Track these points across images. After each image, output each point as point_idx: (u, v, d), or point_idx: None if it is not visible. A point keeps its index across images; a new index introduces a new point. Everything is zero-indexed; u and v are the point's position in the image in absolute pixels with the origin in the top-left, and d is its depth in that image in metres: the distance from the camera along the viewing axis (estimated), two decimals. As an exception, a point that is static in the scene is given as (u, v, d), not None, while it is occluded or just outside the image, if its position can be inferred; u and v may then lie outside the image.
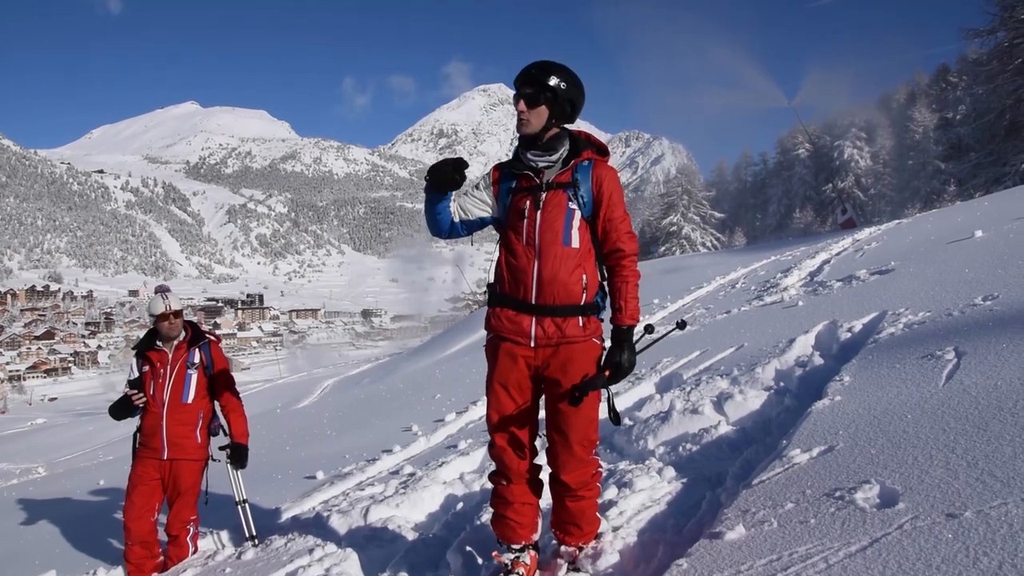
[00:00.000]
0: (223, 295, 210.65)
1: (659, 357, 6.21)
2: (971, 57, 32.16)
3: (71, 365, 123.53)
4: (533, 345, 2.43)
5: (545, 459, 2.58)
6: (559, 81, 2.36)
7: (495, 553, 2.62)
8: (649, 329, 2.50)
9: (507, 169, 2.53)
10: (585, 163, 2.46)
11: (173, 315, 4.02)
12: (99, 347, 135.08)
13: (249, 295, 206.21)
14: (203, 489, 4.04)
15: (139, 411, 4.01)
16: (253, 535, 3.92)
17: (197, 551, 4.01)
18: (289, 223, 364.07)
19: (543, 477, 2.62)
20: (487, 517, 2.78)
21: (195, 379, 4.02)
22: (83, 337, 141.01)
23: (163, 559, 3.96)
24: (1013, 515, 1.74)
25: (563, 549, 2.64)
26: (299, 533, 3.77)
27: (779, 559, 1.89)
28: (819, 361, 4.52)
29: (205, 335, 4.18)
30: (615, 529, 2.78)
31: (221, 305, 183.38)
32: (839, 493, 2.18)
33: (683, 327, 2.70)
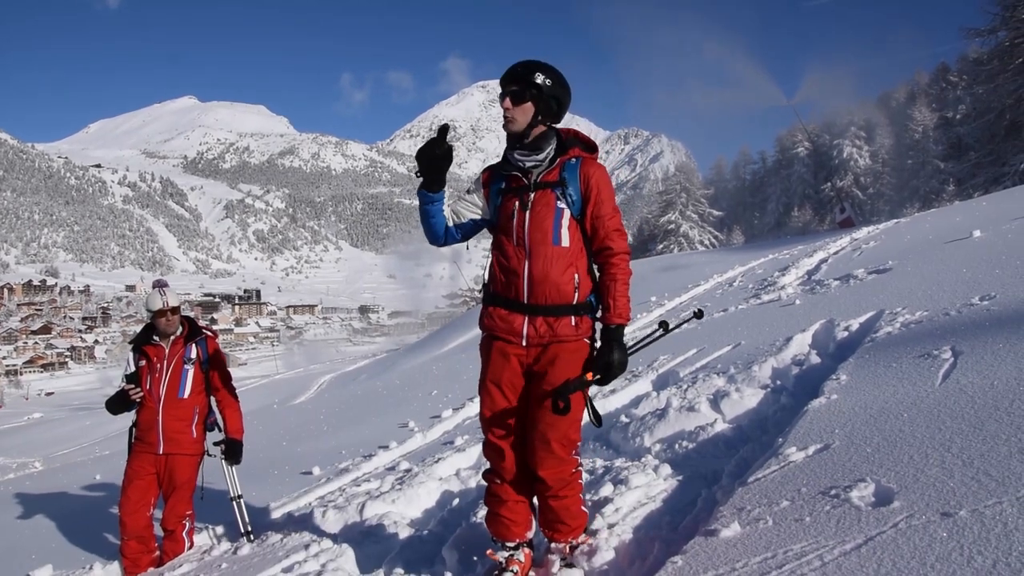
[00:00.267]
0: (220, 290, 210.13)
1: (656, 355, 6.21)
2: (971, 56, 32.16)
3: (68, 360, 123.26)
4: (525, 344, 2.43)
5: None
6: (545, 78, 2.36)
7: (490, 551, 2.62)
8: (665, 326, 2.49)
9: (496, 170, 2.53)
10: (572, 161, 2.44)
11: (171, 312, 4.01)
12: (96, 342, 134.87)
13: (246, 291, 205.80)
14: (199, 484, 4.05)
15: (135, 406, 4.01)
16: (248, 531, 3.93)
17: (193, 546, 4.02)
18: (287, 219, 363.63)
19: None
20: (483, 514, 2.78)
21: (191, 374, 4.02)
22: (80, 332, 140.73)
23: (159, 554, 3.97)
24: (1008, 514, 1.75)
25: (554, 546, 2.65)
26: (295, 529, 3.77)
27: (774, 557, 1.89)
28: (816, 360, 4.52)
29: (202, 330, 4.18)
30: (610, 526, 2.78)
31: (218, 300, 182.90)
32: (834, 491, 2.18)
33: (700, 316, 2.74)
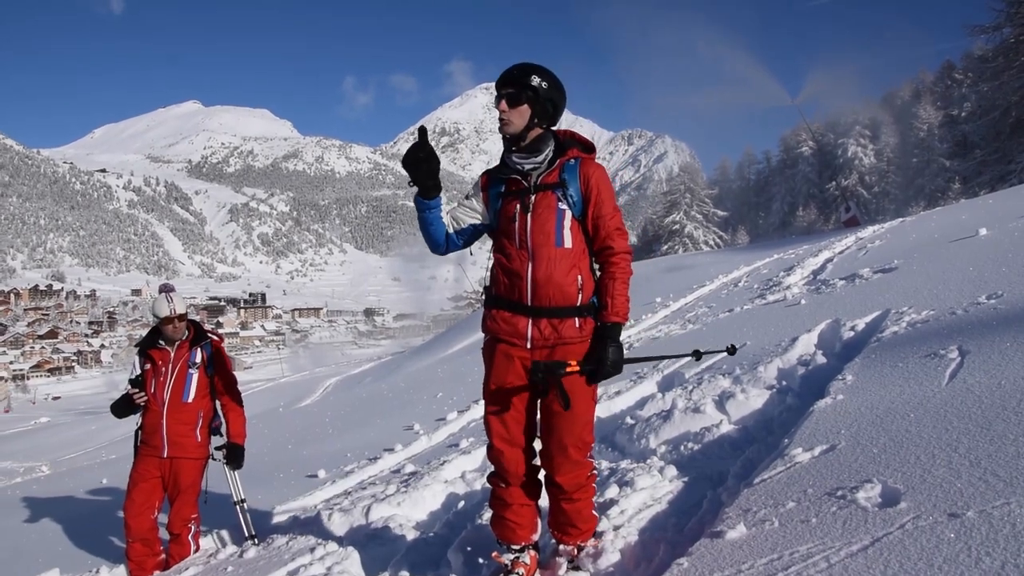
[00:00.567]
0: (225, 294, 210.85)
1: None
2: (976, 54, 32.01)
3: (74, 364, 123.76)
4: (529, 347, 2.42)
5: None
6: (540, 81, 2.36)
7: (495, 554, 2.62)
8: (697, 355, 2.50)
9: (495, 174, 2.52)
10: (572, 162, 2.44)
11: (177, 319, 4.00)
12: (102, 346, 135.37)
13: (251, 294, 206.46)
14: (203, 488, 4.05)
15: (140, 409, 4.02)
16: (252, 534, 3.93)
17: (199, 549, 4.02)
18: (291, 222, 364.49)
19: (541, 478, 2.61)
20: (488, 516, 2.78)
21: (196, 378, 4.03)
22: (86, 336, 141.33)
23: (165, 557, 3.97)
24: (1016, 515, 1.73)
25: (562, 548, 2.64)
26: (301, 531, 3.77)
27: (780, 558, 1.88)
28: (822, 360, 4.50)
29: (208, 334, 4.18)
30: (616, 528, 2.77)
31: (223, 304, 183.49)
32: (841, 492, 2.16)
33: (733, 352, 2.71)
